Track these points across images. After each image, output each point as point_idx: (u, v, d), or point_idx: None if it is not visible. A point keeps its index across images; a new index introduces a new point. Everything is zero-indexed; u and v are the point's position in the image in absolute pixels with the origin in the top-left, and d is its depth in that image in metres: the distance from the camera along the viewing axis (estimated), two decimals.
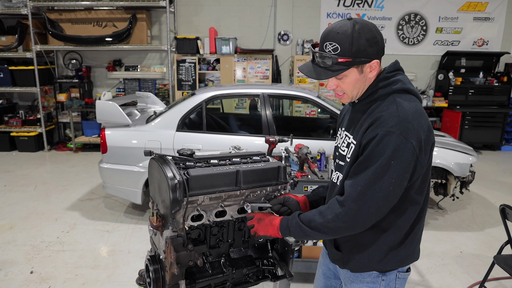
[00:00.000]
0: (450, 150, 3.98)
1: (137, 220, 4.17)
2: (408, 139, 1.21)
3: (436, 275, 3.22)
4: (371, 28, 1.28)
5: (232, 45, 6.90)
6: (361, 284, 1.43)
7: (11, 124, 7.07)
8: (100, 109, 3.90)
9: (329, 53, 1.28)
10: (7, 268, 3.20)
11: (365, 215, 1.25)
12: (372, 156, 1.23)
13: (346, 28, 1.26)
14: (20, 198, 4.76)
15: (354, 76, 1.31)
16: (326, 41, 1.29)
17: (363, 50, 1.27)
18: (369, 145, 1.25)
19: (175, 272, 1.35)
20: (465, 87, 7.37)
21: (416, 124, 1.23)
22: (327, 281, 1.66)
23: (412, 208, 1.34)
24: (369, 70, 1.31)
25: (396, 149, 1.20)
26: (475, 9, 7.51)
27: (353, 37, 1.25)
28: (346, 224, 1.27)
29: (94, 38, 6.75)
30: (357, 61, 1.28)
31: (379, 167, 1.21)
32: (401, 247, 1.37)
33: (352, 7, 7.47)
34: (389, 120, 1.23)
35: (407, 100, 1.30)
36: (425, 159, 1.27)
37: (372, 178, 1.22)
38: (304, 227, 1.34)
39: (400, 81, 1.34)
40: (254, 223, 1.46)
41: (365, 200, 1.23)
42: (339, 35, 1.27)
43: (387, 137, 1.21)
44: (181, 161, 1.45)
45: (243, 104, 7.09)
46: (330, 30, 1.30)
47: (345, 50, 1.26)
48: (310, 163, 3.07)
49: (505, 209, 2.53)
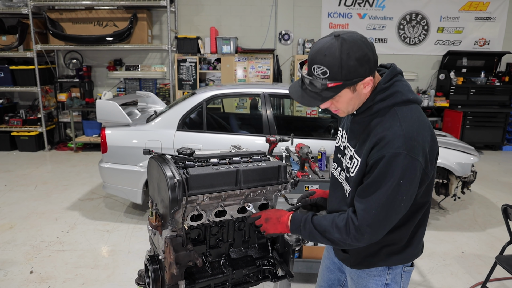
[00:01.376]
0: (452, 150, 3.97)
1: (137, 220, 4.16)
2: (415, 158, 1.20)
3: (437, 276, 3.20)
4: (360, 45, 1.19)
5: (233, 45, 6.89)
6: (367, 277, 1.45)
7: (12, 123, 7.08)
8: (101, 108, 3.89)
9: (318, 77, 1.21)
10: (6, 268, 3.20)
11: (381, 232, 1.28)
12: (381, 178, 1.22)
13: (333, 50, 1.18)
14: (20, 197, 4.75)
15: (348, 96, 1.27)
16: (314, 64, 1.22)
17: (354, 71, 1.19)
18: (376, 166, 1.23)
19: (174, 272, 1.34)
20: (467, 87, 7.35)
21: (421, 140, 1.22)
22: (331, 275, 1.67)
23: (418, 211, 1.36)
24: (363, 87, 1.25)
25: (405, 169, 1.19)
26: (477, 8, 7.49)
27: (342, 59, 1.17)
28: (363, 242, 1.29)
29: (94, 38, 6.75)
30: (348, 83, 1.21)
31: (389, 188, 1.21)
32: (408, 246, 1.40)
33: (353, 7, 7.46)
34: (395, 140, 1.20)
35: (409, 113, 1.25)
36: (431, 169, 1.27)
37: (384, 200, 1.22)
38: (317, 234, 1.35)
39: (398, 92, 1.28)
40: (262, 222, 1.46)
41: (380, 221, 1.25)
42: (327, 58, 1.18)
43: (394, 158, 1.19)
44: (180, 160, 1.44)
45: (243, 104, 7.08)
46: (317, 52, 1.21)
47: (335, 73, 1.19)
48: (311, 162, 3.06)
49: (507, 209, 2.52)
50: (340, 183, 1.47)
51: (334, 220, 1.32)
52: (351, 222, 1.28)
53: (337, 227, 1.30)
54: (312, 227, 1.36)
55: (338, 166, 1.50)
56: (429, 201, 1.38)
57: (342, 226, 1.29)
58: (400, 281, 1.44)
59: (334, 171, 1.53)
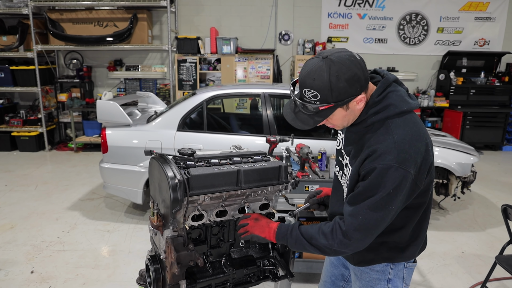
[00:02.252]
0: (452, 150, 3.97)
1: (138, 220, 4.16)
2: (406, 170, 1.21)
3: (437, 276, 3.20)
4: (349, 65, 1.19)
5: (233, 45, 6.89)
6: (370, 273, 1.47)
7: (12, 124, 7.08)
8: (101, 109, 3.89)
9: (309, 100, 1.23)
10: (7, 268, 3.20)
11: (368, 239, 1.29)
12: (371, 189, 1.24)
13: (322, 73, 1.18)
14: (21, 198, 4.76)
15: (341, 114, 1.28)
16: (304, 87, 1.23)
17: (344, 92, 1.20)
18: (368, 177, 1.25)
19: (175, 272, 1.34)
20: (466, 87, 7.35)
21: (413, 152, 1.22)
22: (335, 270, 1.69)
23: (417, 211, 1.37)
24: (356, 103, 1.25)
25: (395, 181, 1.21)
26: (477, 9, 7.50)
27: (331, 82, 1.18)
28: (350, 249, 1.31)
29: (95, 38, 6.75)
30: (340, 104, 1.22)
31: (379, 198, 1.22)
32: (409, 244, 1.42)
33: (353, 7, 7.46)
34: (387, 153, 1.21)
35: (402, 125, 1.26)
36: (421, 179, 1.27)
37: (372, 208, 1.24)
38: (304, 241, 1.36)
39: (391, 105, 1.27)
40: (250, 221, 1.47)
41: (367, 228, 1.26)
42: (316, 82, 1.19)
43: (385, 170, 1.21)
44: (181, 160, 1.44)
45: (244, 104, 7.08)
46: (306, 76, 1.22)
47: (325, 97, 1.20)
48: (311, 162, 3.07)
49: (507, 209, 2.52)
50: (341, 185, 1.49)
51: (321, 228, 1.34)
52: (338, 228, 1.30)
53: (323, 233, 1.32)
54: (299, 234, 1.37)
55: (340, 169, 1.52)
56: (426, 202, 1.38)
57: (328, 232, 1.31)
58: (402, 276, 1.46)
59: (337, 172, 1.54)
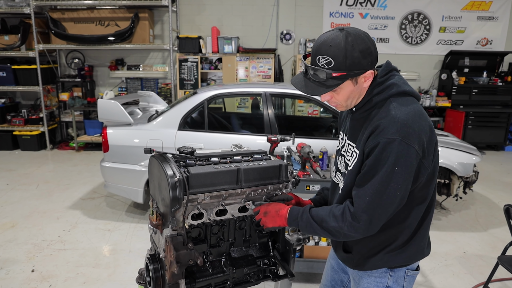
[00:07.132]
0: (454, 150, 3.96)
1: (139, 219, 4.16)
2: (410, 144, 1.20)
3: (439, 276, 3.19)
4: (364, 38, 1.25)
5: (235, 44, 6.89)
6: (369, 279, 1.45)
7: (14, 123, 7.10)
8: (102, 108, 3.89)
9: (323, 67, 1.25)
10: (8, 266, 3.20)
11: (376, 221, 1.28)
12: (376, 165, 1.24)
13: (339, 41, 1.22)
14: (22, 196, 4.76)
15: (349, 88, 1.30)
16: (319, 54, 1.25)
17: (358, 63, 1.23)
18: (371, 154, 1.25)
19: (175, 271, 1.33)
20: (469, 86, 7.33)
21: (416, 128, 1.22)
22: (335, 275, 1.68)
23: (420, 206, 1.36)
24: (364, 80, 1.29)
25: (399, 155, 1.20)
26: (479, 8, 7.47)
27: (347, 50, 1.22)
28: (359, 232, 1.30)
29: (96, 37, 6.76)
30: (351, 74, 1.25)
31: (384, 175, 1.22)
32: (410, 243, 1.39)
33: (355, 6, 7.44)
34: (389, 127, 1.22)
35: (405, 103, 1.28)
36: (429, 160, 1.27)
37: (378, 187, 1.23)
38: (315, 224, 1.36)
39: (394, 84, 1.31)
40: (261, 217, 1.47)
41: (375, 209, 1.25)
42: (332, 49, 1.23)
43: (389, 144, 1.21)
44: (181, 159, 1.43)
45: (245, 103, 7.08)
46: (322, 43, 1.25)
47: (339, 64, 1.23)
48: (312, 162, 3.06)
49: (509, 209, 2.51)
50: (337, 184, 1.48)
51: (332, 210, 1.35)
52: (347, 210, 1.30)
53: (334, 216, 1.32)
54: (310, 217, 1.37)
55: (336, 171, 1.52)
56: (429, 198, 1.37)
57: (339, 214, 1.31)
58: (403, 284, 1.43)
59: (334, 177, 1.55)
